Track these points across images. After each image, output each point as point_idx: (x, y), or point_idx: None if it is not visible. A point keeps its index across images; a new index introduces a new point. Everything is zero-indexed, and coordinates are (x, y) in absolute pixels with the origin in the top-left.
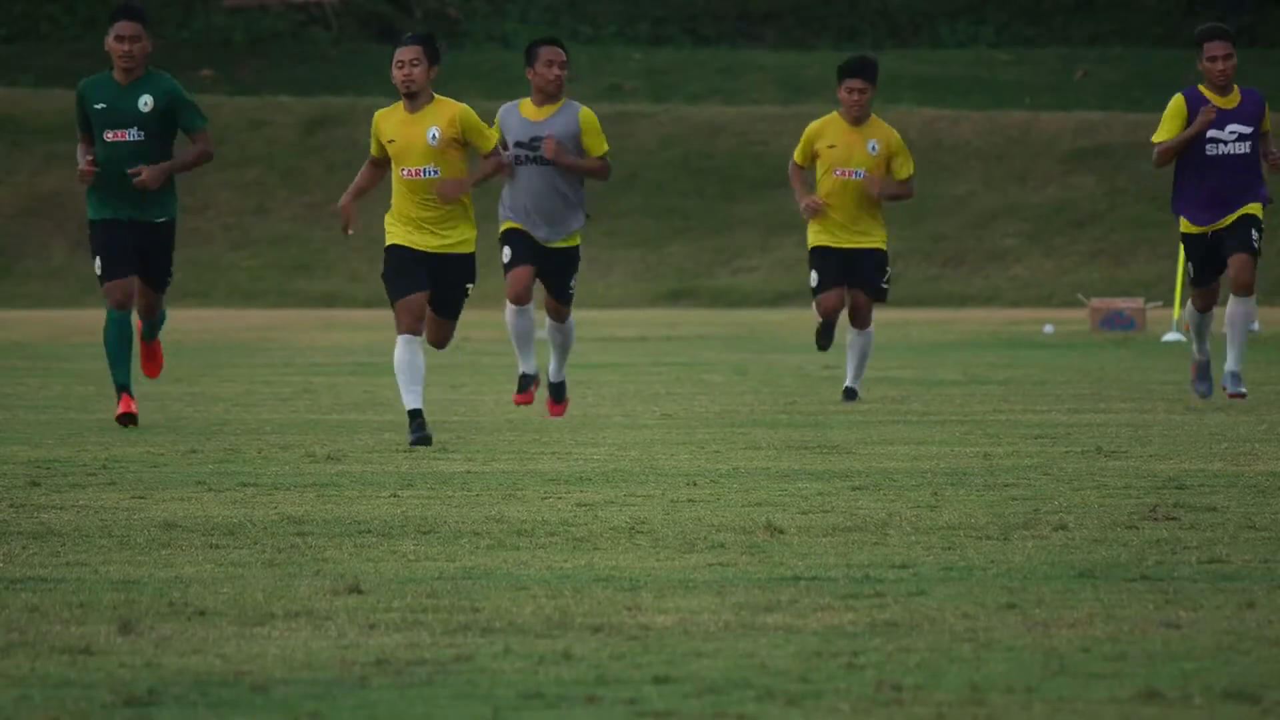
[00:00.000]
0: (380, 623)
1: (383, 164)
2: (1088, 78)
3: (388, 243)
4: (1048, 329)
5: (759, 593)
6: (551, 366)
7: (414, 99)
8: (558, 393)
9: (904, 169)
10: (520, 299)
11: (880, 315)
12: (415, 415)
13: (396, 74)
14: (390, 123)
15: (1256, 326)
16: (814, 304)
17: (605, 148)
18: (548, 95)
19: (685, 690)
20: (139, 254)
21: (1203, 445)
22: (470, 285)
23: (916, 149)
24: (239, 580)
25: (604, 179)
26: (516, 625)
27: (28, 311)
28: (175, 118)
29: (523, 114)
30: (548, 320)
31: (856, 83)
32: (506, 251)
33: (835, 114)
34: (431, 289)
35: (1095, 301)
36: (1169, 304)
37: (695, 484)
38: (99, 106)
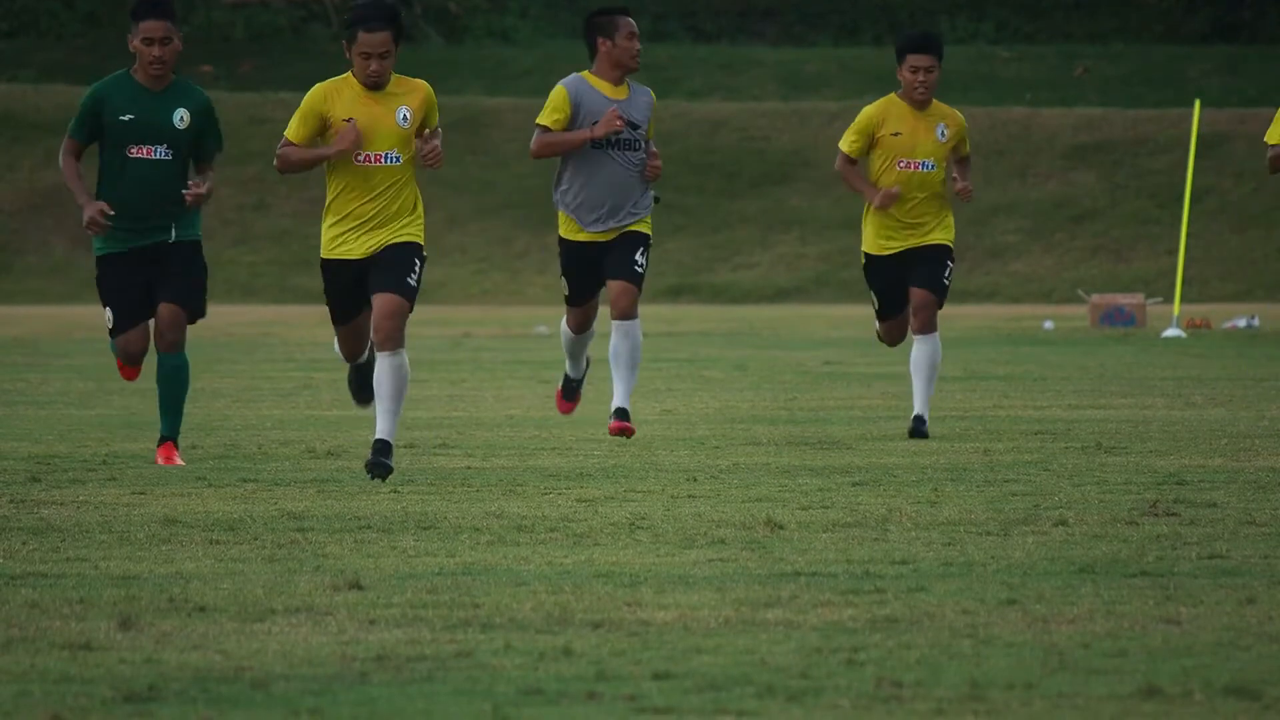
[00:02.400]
0: (380, 618)
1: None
2: (1088, 74)
3: (324, 254)
4: (1048, 325)
5: (759, 588)
6: (618, 392)
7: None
8: (623, 416)
9: (965, 150)
10: (581, 330)
11: None
12: (381, 444)
13: (360, 65)
14: (343, 100)
15: None
16: (879, 332)
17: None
18: (625, 72)
19: (685, 686)
20: (151, 279)
21: (1203, 441)
22: (418, 262)
23: None
24: (239, 576)
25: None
26: (517, 621)
27: (28, 307)
28: (201, 138)
29: (601, 90)
30: (612, 333)
31: (923, 59)
32: (566, 283)
33: (893, 96)
34: (374, 281)
35: (1095, 297)
36: (1169, 300)
37: (695, 480)
38: (126, 118)
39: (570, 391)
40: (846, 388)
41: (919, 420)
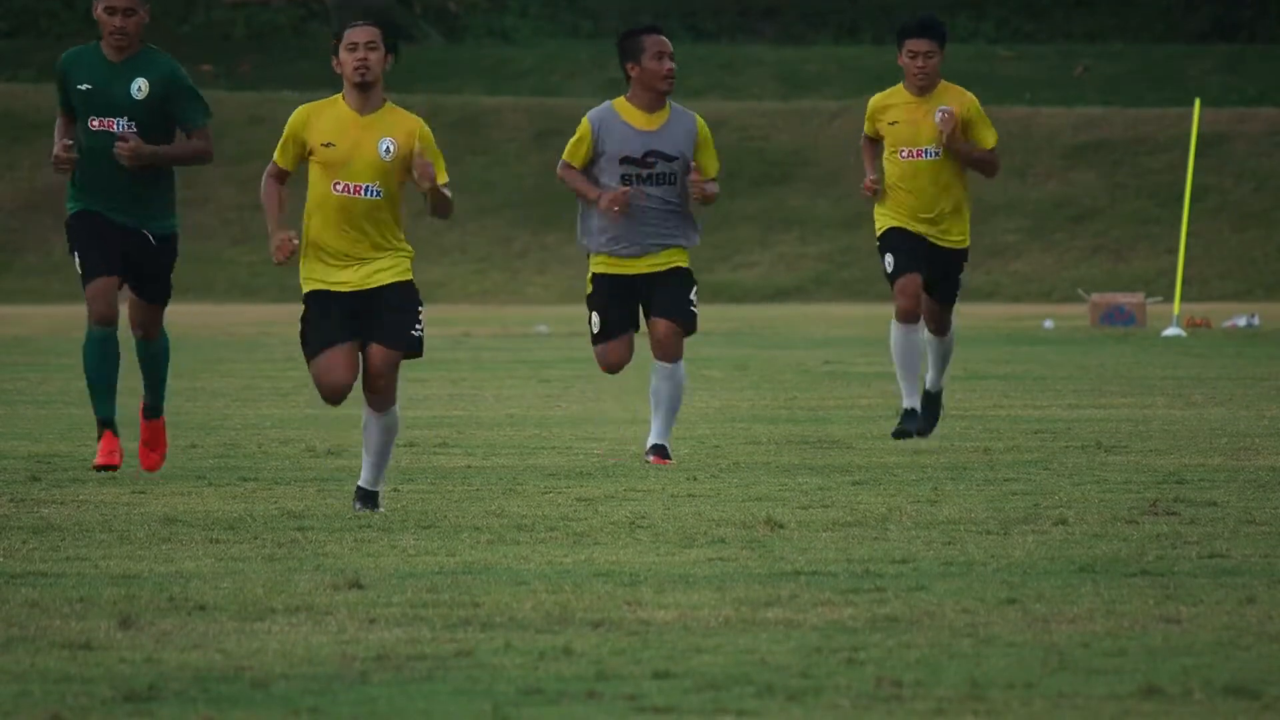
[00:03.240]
0: (380, 618)
1: (286, 177)
2: (1088, 73)
3: (304, 290)
4: (1048, 324)
5: (759, 588)
6: (656, 428)
7: (367, 94)
8: (661, 452)
9: (987, 139)
10: (614, 370)
11: (881, 312)
12: (364, 493)
13: (347, 59)
14: (326, 122)
15: None
16: (894, 293)
17: (718, 166)
18: (658, 96)
19: (685, 685)
20: (128, 262)
21: (1203, 440)
22: (419, 309)
23: None
24: (239, 575)
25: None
26: (517, 620)
27: (28, 307)
28: (172, 108)
29: (628, 121)
30: (653, 373)
31: (920, 44)
32: (595, 321)
33: (899, 86)
34: (361, 328)
35: (1095, 297)
36: (1169, 299)
37: (695, 479)
38: (84, 87)
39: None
40: (846, 387)
41: (929, 394)
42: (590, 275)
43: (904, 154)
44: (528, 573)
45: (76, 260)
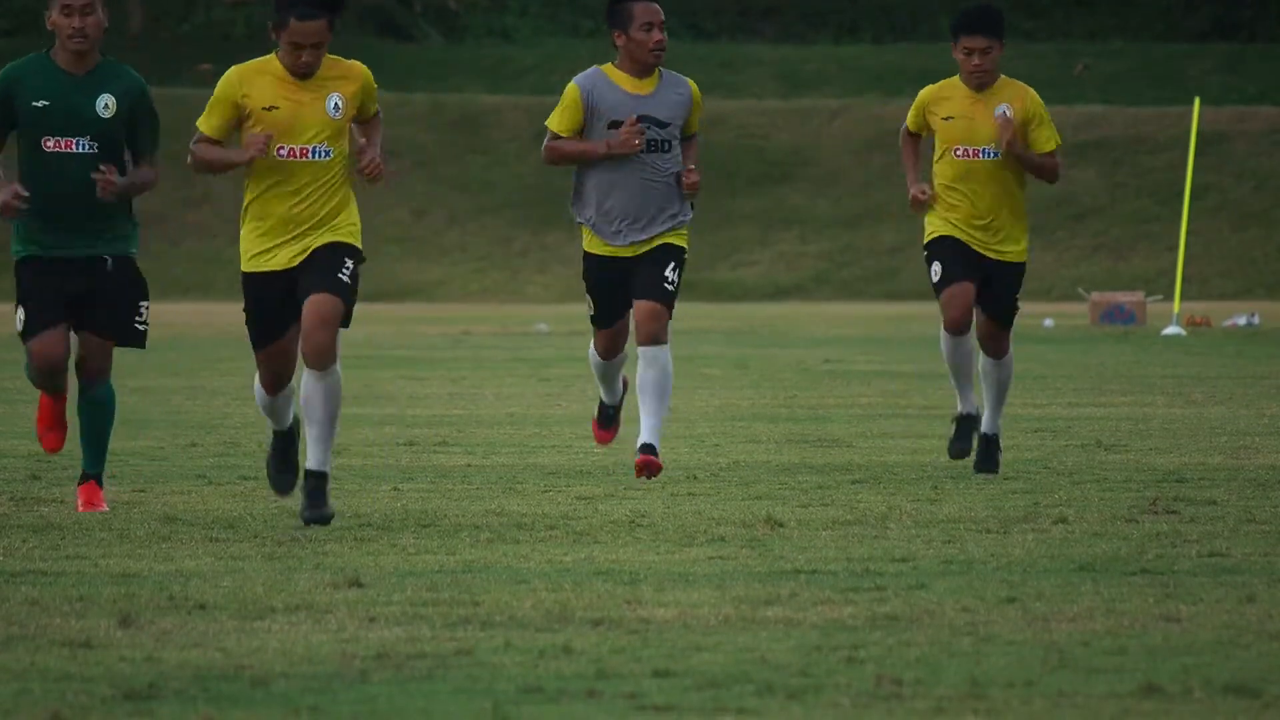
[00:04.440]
0: (380, 616)
1: (220, 145)
2: (1088, 72)
3: (244, 267)
4: (1048, 323)
5: (759, 586)
6: (645, 425)
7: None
8: (650, 451)
9: (1047, 141)
10: (612, 356)
11: (881, 311)
12: (315, 478)
13: (289, 55)
14: (267, 84)
15: None
16: (940, 306)
17: (697, 127)
18: (645, 67)
19: (685, 684)
20: (79, 299)
21: (1203, 439)
22: (351, 261)
23: None
24: (239, 574)
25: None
26: (517, 619)
27: None
28: (135, 131)
29: (620, 86)
30: (639, 360)
31: (977, 40)
32: (591, 303)
33: (955, 79)
34: (301, 285)
35: (1095, 295)
36: (1169, 298)
37: (695, 478)
38: (39, 104)
39: (607, 419)
40: (846, 386)
41: (988, 442)
42: (583, 251)
43: (959, 153)
44: (528, 571)
45: (20, 314)
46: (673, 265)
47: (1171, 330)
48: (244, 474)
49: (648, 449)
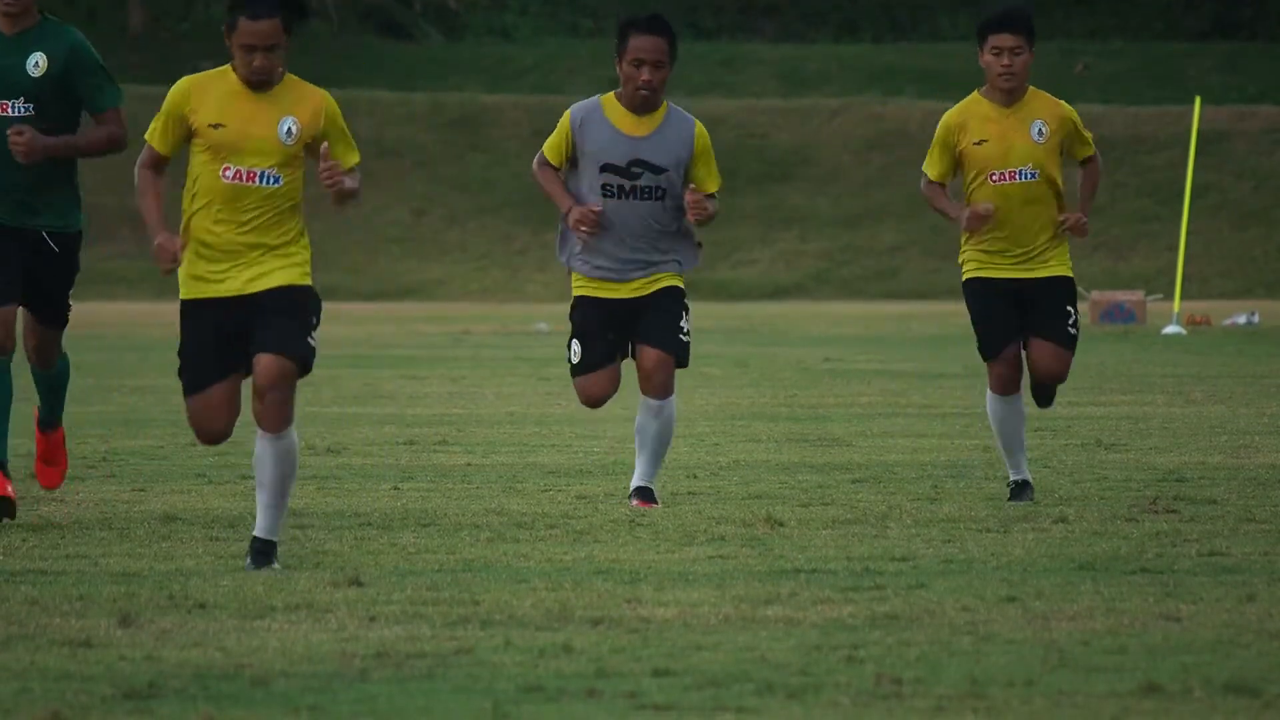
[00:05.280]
0: (380, 615)
1: (164, 164)
2: (1088, 71)
3: (182, 295)
4: None
5: (759, 585)
6: (640, 468)
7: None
8: (646, 495)
9: (1085, 149)
10: (595, 407)
11: (881, 310)
12: (262, 545)
13: (242, 59)
14: (216, 98)
15: None
16: (988, 366)
17: (719, 182)
18: (641, 105)
19: (685, 683)
20: (27, 280)
21: (1202, 438)
22: (314, 319)
23: (916, 142)
24: (239, 573)
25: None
26: (517, 618)
27: None
28: (77, 87)
29: (614, 123)
30: (640, 408)
31: (1006, 39)
32: (575, 349)
33: (975, 95)
34: (249, 341)
35: (1096, 294)
36: (1169, 297)
37: (695, 476)
38: None
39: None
40: (846, 385)
41: (1020, 487)
42: (574, 297)
43: (995, 178)
44: (528, 570)
45: None
46: (686, 315)
47: (1171, 329)
48: (244, 473)
49: (644, 494)
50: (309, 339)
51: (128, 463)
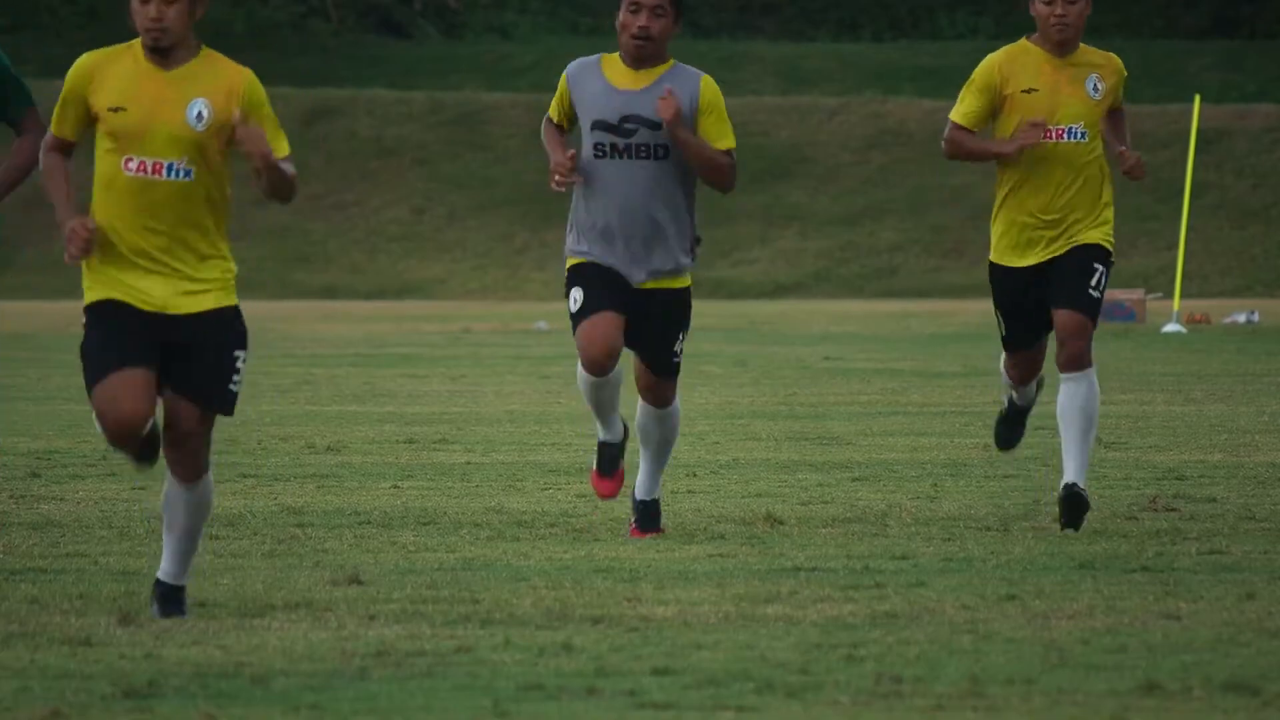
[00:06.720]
0: (380, 614)
1: (70, 149)
2: None
3: (87, 299)
4: None
5: (759, 584)
6: (641, 477)
7: (166, 54)
8: (647, 520)
9: (1118, 101)
10: (600, 366)
11: (880, 308)
12: (166, 589)
13: (139, 10)
14: (118, 78)
15: None
16: (1000, 360)
17: (732, 141)
18: (639, 59)
19: (685, 682)
20: None
21: (1202, 437)
22: (241, 353)
23: (916, 140)
24: (239, 571)
25: (726, 186)
26: (516, 617)
27: (29, 303)
28: None
29: (608, 78)
30: (639, 408)
31: None
32: (576, 295)
33: (1024, 42)
34: (167, 370)
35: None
36: (1169, 295)
37: (695, 475)
38: None
39: (607, 463)
40: (846, 383)
41: (1071, 489)
42: (569, 265)
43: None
44: (528, 569)
45: None
46: (683, 334)
47: (1171, 328)
48: (243, 472)
49: (647, 516)
50: (231, 384)
51: (128, 461)
